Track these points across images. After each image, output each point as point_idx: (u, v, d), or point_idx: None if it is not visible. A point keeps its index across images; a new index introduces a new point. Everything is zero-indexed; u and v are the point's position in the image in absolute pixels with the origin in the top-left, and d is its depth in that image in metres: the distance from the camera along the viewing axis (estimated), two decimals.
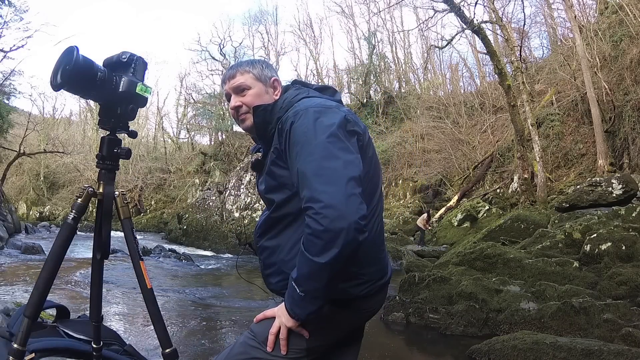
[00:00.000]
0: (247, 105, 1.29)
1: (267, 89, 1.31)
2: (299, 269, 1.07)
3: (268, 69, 1.35)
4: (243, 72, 1.31)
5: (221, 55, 30.99)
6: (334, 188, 1.03)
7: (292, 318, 1.12)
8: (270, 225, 1.26)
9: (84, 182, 10.48)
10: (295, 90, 1.30)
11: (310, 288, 1.06)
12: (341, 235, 1.00)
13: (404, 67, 30.27)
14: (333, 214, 1.00)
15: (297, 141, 1.12)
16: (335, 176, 1.04)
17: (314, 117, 1.13)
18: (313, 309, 1.09)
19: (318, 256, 1.02)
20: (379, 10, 26.60)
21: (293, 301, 1.10)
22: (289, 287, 1.11)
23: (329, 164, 1.06)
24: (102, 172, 1.28)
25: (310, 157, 1.08)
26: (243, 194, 17.23)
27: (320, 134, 1.10)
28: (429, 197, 19.12)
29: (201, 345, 4.05)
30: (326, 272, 1.04)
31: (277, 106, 1.25)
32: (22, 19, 15.97)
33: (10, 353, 1.12)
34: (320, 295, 1.08)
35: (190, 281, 7.99)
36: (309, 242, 1.04)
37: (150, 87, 1.26)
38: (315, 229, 1.02)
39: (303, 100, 1.23)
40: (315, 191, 1.04)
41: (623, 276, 4.60)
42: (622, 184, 8.99)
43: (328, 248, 1.01)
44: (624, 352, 2.94)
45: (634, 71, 13.77)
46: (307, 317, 1.11)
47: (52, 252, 1.20)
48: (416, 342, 4.44)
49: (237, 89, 1.30)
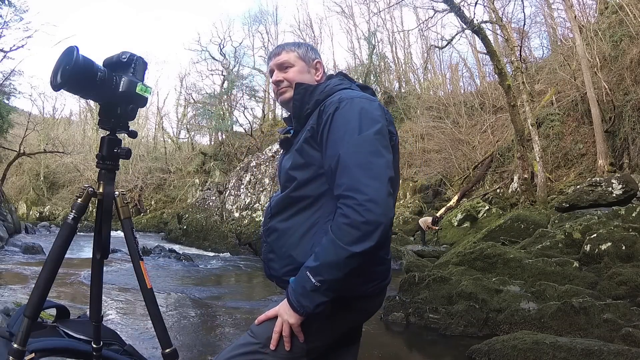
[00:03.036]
0: (288, 80, 1.34)
1: (310, 69, 1.37)
2: (323, 256, 1.06)
3: (313, 51, 1.40)
4: (288, 51, 1.36)
5: (221, 55, 31.00)
6: (379, 185, 1.05)
7: (297, 312, 1.10)
8: (285, 205, 1.25)
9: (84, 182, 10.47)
10: (339, 79, 1.33)
11: (329, 278, 1.05)
12: (379, 230, 1.03)
13: (404, 67, 30.26)
14: (376, 208, 1.03)
15: (339, 128, 1.13)
16: (380, 173, 1.07)
17: (359, 107, 1.15)
18: (323, 300, 1.08)
19: (352, 245, 1.03)
20: (379, 10, 26.60)
21: (303, 292, 1.08)
22: (299, 278, 1.09)
23: (375, 160, 1.08)
24: (102, 172, 1.28)
25: (355, 149, 1.09)
26: (243, 194, 17.21)
27: (366, 127, 1.12)
28: (429, 197, 19.11)
29: (201, 345, 4.04)
30: (355, 262, 1.04)
31: (319, 89, 1.27)
32: (22, 19, 15.94)
33: (10, 353, 1.12)
34: (335, 287, 1.07)
35: (190, 281, 7.99)
36: (343, 231, 1.04)
37: (150, 87, 1.26)
38: (355, 219, 1.03)
39: (346, 90, 1.24)
40: (359, 182, 1.05)
41: (623, 276, 4.59)
42: (622, 184, 8.98)
43: (364, 239, 1.03)
44: (624, 352, 2.94)
45: (634, 71, 13.76)
46: (315, 310, 1.08)
47: (52, 252, 1.20)
48: (416, 342, 4.44)
49: (280, 65, 1.36)
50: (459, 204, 15.45)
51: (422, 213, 16.69)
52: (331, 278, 1.05)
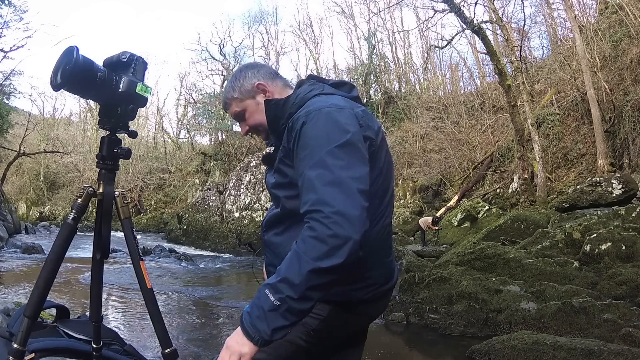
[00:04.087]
0: (253, 126, 1.30)
1: (257, 99, 1.28)
2: (285, 271, 0.96)
3: (247, 77, 1.29)
4: (231, 101, 1.30)
5: (221, 55, 31.05)
6: (348, 197, 0.97)
7: (250, 339, 0.95)
8: (276, 221, 1.23)
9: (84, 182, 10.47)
10: (309, 85, 1.24)
11: (291, 295, 0.94)
12: (348, 245, 0.93)
13: (404, 67, 30.29)
14: (344, 221, 0.94)
15: (307, 144, 1.06)
16: (349, 186, 0.99)
17: (326, 119, 1.07)
18: (281, 324, 0.94)
19: (317, 260, 0.93)
20: (379, 10, 26.61)
21: (259, 313, 0.95)
22: (257, 298, 0.97)
23: (342, 173, 1.00)
24: (102, 172, 1.28)
25: (320, 164, 1.02)
26: (243, 194, 17.22)
27: (333, 140, 1.04)
28: (429, 197, 19.12)
29: (201, 345, 4.05)
30: (320, 279, 0.94)
31: (290, 101, 1.21)
32: (22, 19, 15.97)
33: (10, 353, 1.12)
34: (297, 309, 0.95)
35: (190, 281, 7.99)
36: (308, 244, 0.95)
37: (150, 87, 1.26)
38: (322, 232, 0.94)
39: (316, 98, 1.17)
40: (325, 195, 0.98)
41: (623, 276, 4.60)
42: (622, 184, 8.98)
43: (331, 255, 0.93)
44: (624, 352, 2.94)
45: (634, 71, 13.77)
46: (272, 336, 0.95)
47: (52, 252, 1.20)
48: (416, 342, 4.44)
49: (236, 117, 1.32)
50: (459, 204, 15.45)
51: (422, 213, 16.68)
52: (292, 296, 0.93)
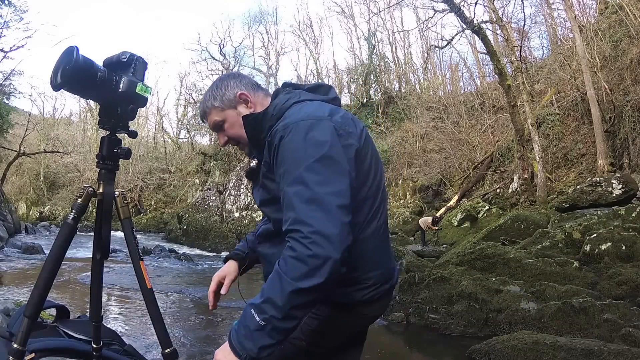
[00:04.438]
0: (232, 137, 1.27)
1: (238, 109, 1.25)
2: (268, 292, 0.98)
3: (229, 86, 1.26)
4: (211, 110, 1.26)
5: (221, 55, 31.09)
6: (326, 215, 0.97)
7: (238, 356, 0.97)
8: (268, 235, 1.25)
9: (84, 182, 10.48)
10: (285, 95, 1.21)
11: (275, 315, 0.95)
12: (327, 264, 0.94)
13: (404, 67, 30.27)
14: (323, 241, 0.94)
15: (285, 159, 1.05)
16: (327, 203, 0.98)
17: (304, 133, 1.05)
18: (268, 342, 0.96)
19: (298, 280, 0.94)
20: (379, 10, 26.61)
21: (246, 332, 0.97)
22: (243, 317, 0.99)
23: (320, 190, 0.99)
24: (102, 172, 1.28)
25: (299, 180, 1.01)
26: (243, 194, 17.22)
27: (310, 155, 1.02)
28: (429, 197, 19.12)
29: (201, 346, 4.05)
30: (302, 299, 0.95)
31: (268, 114, 1.18)
32: (22, 19, 15.99)
33: (10, 353, 1.12)
34: (282, 328, 0.96)
35: (190, 281, 7.99)
36: (289, 266, 0.95)
37: (150, 87, 1.25)
38: (301, 253, 0.94)
39: (293, 109, 1.15)
40: (303, 214, 0.97)
41: (623, 276, 4.59)
42: (622, 184, 8.99)
43: (311, 275, 0.94)
44: (624, 352, 2.94)
45: (634, 71, 13.77)
46: (259, 354, 0.96)
47: (52, 252, 1.20)
48: (416, 342, 4.44)
49: (214, 127, 1.28)
50: (459, 204, 15.45)
51: (422, 213, 16.69)
52: (276, 317, 0.95)
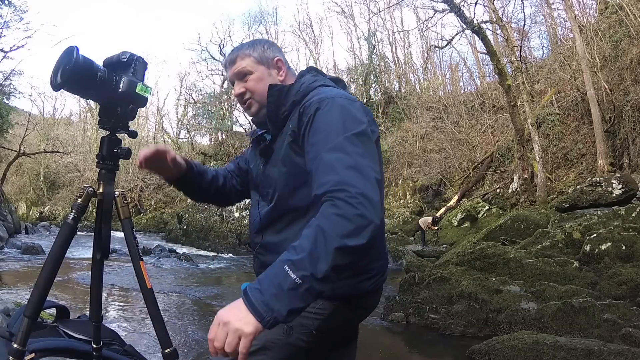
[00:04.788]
0: (251, 90, 1.24)
1: (270, 70, 1.26)
2: (309, 246, 0.89)
3: (270, 49, 1.27)
4: (243, 57, 1.25)
5: (221, 55, 30.98)
6: (371, 185, 0.96)
7: (259, 319, 0.86)
8: (275, 218, 1.20)
9: (84, 182, 10.48)
10: (312, 76, 1.24)
11: (315, 274, 0.87)
12: (371, 227, 0.91)
13: (404, 67, 30.30)
14: (368, 204, 0.92)
15: (322, 129, 1.05)
16: (368, 173, 0.98)
17: (341, 108, 1.08)
18: (299, 306, 0.88)
19: (345, 238, 0.89)
20: (379, 10, 26.60)
21: (277, 291, 0.87)
22: (273, 274, 0.90)
23: (361, 160, 0.99)
24: (102, 172, 1.28)
25: (339, 148, 1.00)
26: None
27: (349, 128, 1.04)
28: (429, 197, 19.12)
29: (201, 345, 4.04)
30: (344, 258, 0.89)
31: (294, 89, 1.19)
32: (22, 19, 15.98)
33: (10, 353, 1.12)
34: (316, 289, 0.88)
35: (190, 281, 7.98)
36: (333, 222, 0.90)
37: (150, 87, 1.25)
38: (348, 211, 0.91)
39: (322, 89, 1.17)
40: (348, 177, 0.95)
41: (623, 276, 4.59)
42: (622, 184, 8.99)
43: (357, 234, 0.90)
44: (624, 352, 2.94)
45: (634, 71, 13.77)
46: (286, 319, 0.88)
47: (52, 252, 1.20)
48: (416, 342, 4.43)
49: (238, 74, 1.25)
50: (459, 204, 15.45)
51: (422, 213, 16.69)
52: (317, 275, 0.87)
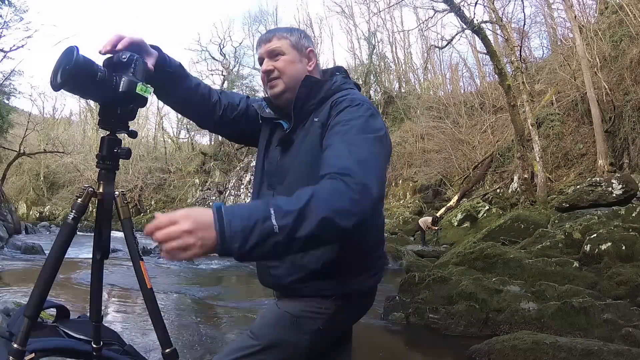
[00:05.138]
0: (279, 70, 1.27)
1: (302, 58, 1.29)
2: (302, 204, 0.88)
3: (306, 39, 1.32)
4: (280, 37, 1.28)
5: (221, 55, 31.09)
6: (374, 180, 0.98)
7: (221, 239, 0.82)
8: None
9: (84, 182, 10.48)
10: (343, 77, 1.30)
11: (293, 233, 0.85)
12: (360, 216, 0.92)
13: (404, 67, 30.31)
14: (367, 195, 0.94)
15: (346, 122, 1.10)
16: (376, 172, 1.01)
17: (368, 113, 1.13)
18: (261, 252, 0.85)
19: (336, 214, 0.89)
20: (379, 10, 26.60)
21: (252, 226, 0.83)
22: (255, 208, 0.87)
23: (372, 159, 1.02)
24: (102, 172, 1.28)
25: (356, 142, 1.04)
26: (243, 194, 17.20)
27: (371, 130, 1.09)
28: (429, 197, 19.12)
29: (201, 345, 4.04)
30: (327, 232, 0.89)
31: (327, 86, 1.24)
32: (22, 19, 16.01)
33: (10, 353, 1.12)
34: (286, 247, 0.87)
35: (190, 281, 7.98)
36: (334, 197, 0.91)
37: (150, 87, 1.25)
38: (346, 193, 0.92)
39: (354, 91, 1.24)
40: (357, 167, 0.97)
41: (623, 276, 4.59)
42: (622, 184, 8.99)
43: (347, 216, 0.90)
44: (624, 352, 2.94)
45: (634, 71, 13.77)
46: (238, 253, 0.84)
47: (52, 252, 1.20)
48: (416, 343, 4.43)
49: (271, 52, 1.28)
50: (459, 204, 15.46)
51: (422, 213, 16.69)
52: (296, 233, 0.85)
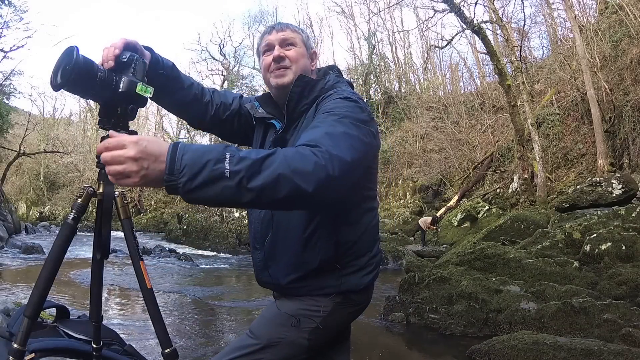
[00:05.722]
0: (291, 59, 1.27)
1: (307, 56, 1.32)
2: (259, 157, 0.85)
3: (312, 40, 1.39)
4: (294, 31, 1.32)
5: (221, 55, 31.09)
6: (344, 153, 0.94)
7: (169, 171, 0.82)
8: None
9: (84, 182, 10.48)
10: (336, 76, 1.32)
11: (245, 181, 0.83)
12: (324, 182, 0.88)
13: (404, 67, 30.32)
14: (334, 164, 0.90)
15: (326, 110, 1.10)
16: (349, 149, 0.96)
17: (354, 103, 1.13)
18: (207, 194, 0.83)
19: (295, 174, 0.85)
20: (379, 10, 26.62)
21: (202, 164, 0.82)
22: (209, 150, 0.85)
23: (349, 140, 0.99)
24: (102, 172, 1.28)
25: (340, 120, 1.04)
26: None
27: (354, 117, 1.07)
28: (429, 197, 19.13)
29: (201, 345, 4.04)
30: (278, 191, 0.85)
31: (319, 85, 1.25)
32: (22, 19, 16.00)
33: (10, 353, 1.12)
34: (233, 194, 0.83)
35: (190, 281, 7.99)
36: (297, 158, 0.88)
37: (150, 87, 1.25)
38: (311, 157, 0.89)
39: (344, 87, 1.24)
40: (330, 139, 0.95)
41: (623, 276, 4.59)
42: (622, 184, 8.99)
43: (307, 178, 0.86)
44: (624, 352, 2.94)
45: (634, 71, 13.77)
46: (183, 190, 0.82)
47: (52, 252, 1.20)
48: (416, 342, 4.43)
49: (284, 41, 1.28)
50: (459, 204, 15.46)
51: (422, 213, 16.70)
52: (245, 182, 0.83)
